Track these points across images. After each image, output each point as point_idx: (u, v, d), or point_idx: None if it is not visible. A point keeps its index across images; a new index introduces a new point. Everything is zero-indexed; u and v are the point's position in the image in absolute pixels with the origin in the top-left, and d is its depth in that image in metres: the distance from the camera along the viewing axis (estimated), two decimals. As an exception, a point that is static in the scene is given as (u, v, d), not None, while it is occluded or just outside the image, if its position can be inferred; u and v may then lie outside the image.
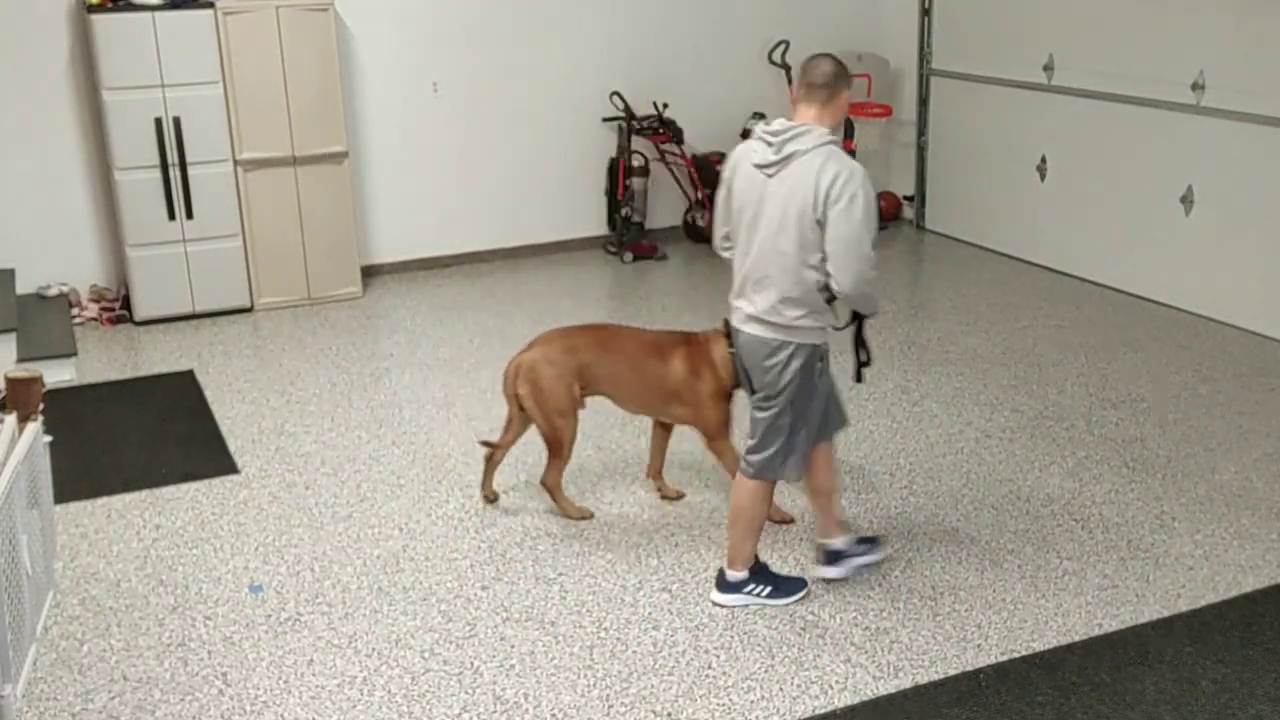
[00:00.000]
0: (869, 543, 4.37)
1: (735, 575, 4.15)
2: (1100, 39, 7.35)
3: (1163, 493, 4.91)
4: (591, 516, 4.80)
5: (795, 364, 3.87)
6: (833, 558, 4.28)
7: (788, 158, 3.76)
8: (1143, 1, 7.06)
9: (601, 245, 8.56)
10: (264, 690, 3.76)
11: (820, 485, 4.19)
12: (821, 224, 3.71)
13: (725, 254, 4.08)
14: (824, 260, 3.74)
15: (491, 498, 4.93)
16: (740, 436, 4.37)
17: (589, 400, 4.67)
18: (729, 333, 4.23)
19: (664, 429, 4.90)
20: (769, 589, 4.16)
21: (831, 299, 3.86)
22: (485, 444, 4.93)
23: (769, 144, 3.80)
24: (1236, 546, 4.50)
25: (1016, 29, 7.96)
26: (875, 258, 3.78)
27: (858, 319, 4.05)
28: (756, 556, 4.16)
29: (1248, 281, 6.67)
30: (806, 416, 3.96)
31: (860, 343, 4.09)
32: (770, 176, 3.79)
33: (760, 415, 3.98)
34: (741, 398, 4.30)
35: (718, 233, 4.10)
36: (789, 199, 3.74)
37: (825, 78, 3.81)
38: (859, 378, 4.12)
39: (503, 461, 4.94)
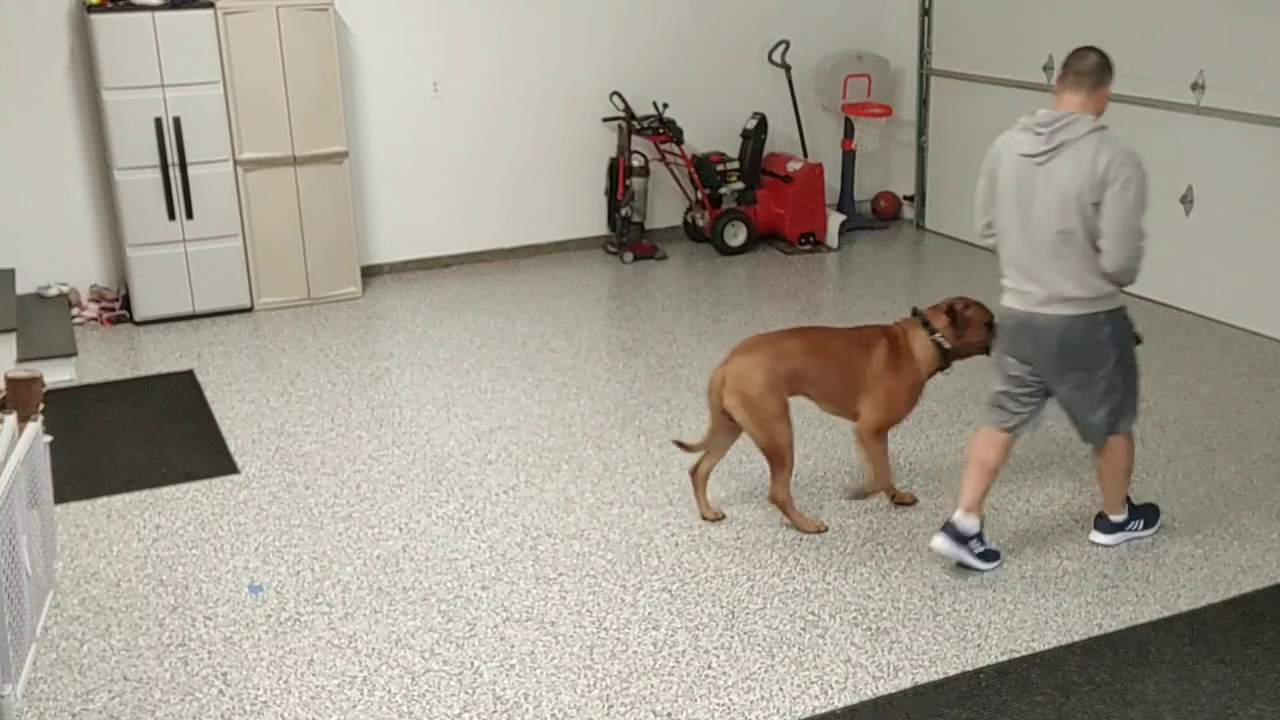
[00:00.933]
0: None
1: (1118, 517, 4.53)
2: (1100, 39, 7.26)
3: (1163, 493, 4.90)
4: (825, 529, 4.62)
5: (1111, 328, 4.16)
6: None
7: (1058, 146, 3.97)
8: (1143, 1, 7.05)
9: (601, 245, 8.56)
10: (264, 690, 3.76)
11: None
12: (1098, 206, 3.94)
13: (988, 241, 4.36)
14: (1099, 239, 4.00)
15: (715, 517, 4.70)
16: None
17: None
18: (925, 321, 4.61)
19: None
20: (1143, 522, 4.58)
21: None
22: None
23: (1038, 134, 4.02)
24: (1236, 546, 4.50)
25: (1016, 29, 7.96)
26: (1144, 234, 4.04)
27: None
28: (1128, 498, 4.53)
29: (1248, 281, 6.67)
30: (1134, 365, 4.31)
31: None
32: (1040, 165, 4.01)
33: (1087, 393, 4.22)
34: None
35: (979, 221, 4.34)
36: (1066, 184, 3.96)
37: (1092, 68, 4.06)
38: (1139, 340, 4.37)
39: (710, 476, 4.72)
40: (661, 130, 8.20)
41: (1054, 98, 4.12)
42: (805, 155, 8.73)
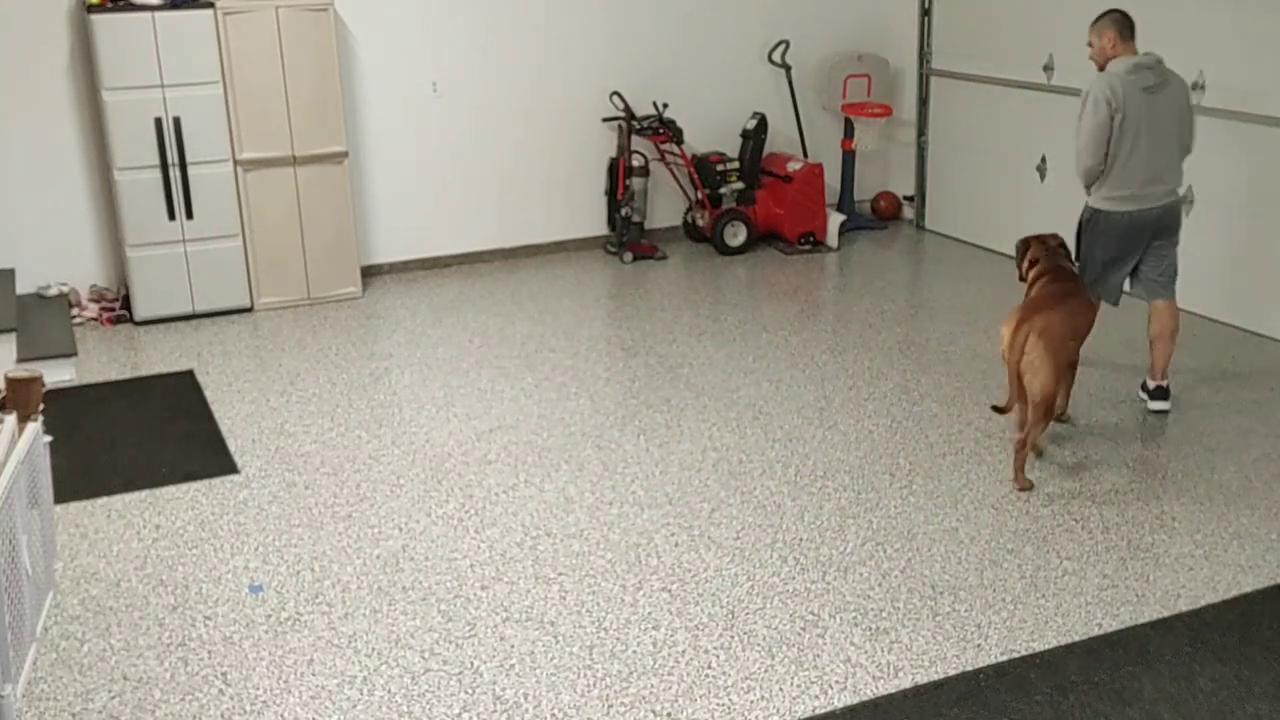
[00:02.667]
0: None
1: (1168, 382, 5.63)
2: (1100, 39, 7.34)
3: (1162, 493, 4.91)
4: (1032, 488, 4.96)
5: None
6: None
7: (1166, 78, 5.35)
8: (1143, 1, 7.04)
9: (601, 245, 8.57)
10: (264, 690, 3.77)
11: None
12: (1185, 119, 5.46)
13: (1099, 168, 5.42)
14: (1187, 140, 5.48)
15: (1025, 487, 4.95)
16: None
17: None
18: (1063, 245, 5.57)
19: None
20: None
21: None
22: (995, 408, 5.10)
23: (1151, 71, 5.31)
24: (1236, 546, 4.50)
25: (1016, 29, 7.96)
26: None
27: None
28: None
29: (1248, 281, 6.67)
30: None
31: None
32: (1156, 94, 5.32)
33: (1169, 256, 5.63)
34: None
35: (1099, 155, 5.37)
36: (1174, 107, 5.38)
37: (1133, 23, 5.43)
38: None
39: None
40: (661, 130, 8.20)
41: (1123, 47, 5.38)
42: (805, 155, 8.73)
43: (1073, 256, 5.57)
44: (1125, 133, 5.31)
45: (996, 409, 5.10)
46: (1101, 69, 5.45)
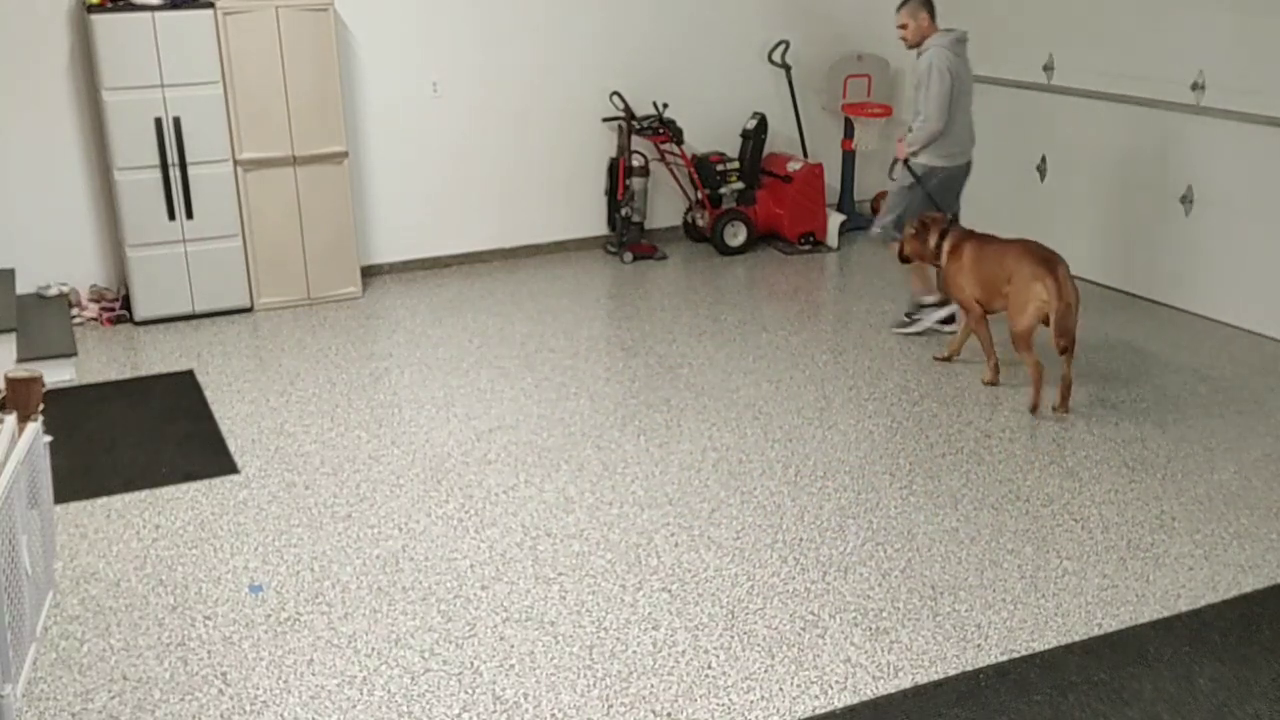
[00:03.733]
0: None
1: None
2: (1100, 39, 7.36)
3: (1162, 493, 4.91)
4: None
5: None
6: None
7: (964, 51, 6.34)
8: (1143, 1, 7.06)
9: (601, 245, 8.57)
10: (264, 690, 3.77)
11: None
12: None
13: (940, 133, 6.28)
14: None
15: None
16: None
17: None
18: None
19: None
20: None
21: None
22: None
23: (965, 43, 6.28)
24: (1236, 546, 4.50)
25: (1016, 29, 7.96)
26: None
27: None
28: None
29: (1248, 281, 6.67)
30: None
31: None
32: (967, 66, 6.33)
33: (959, 199, 6.53)
34: None
35: (942, 120, 6.23)
36: (971, 76, 6.39)
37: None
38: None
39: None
40: (661, 130, 8.20)
41: (934, 24, 6.33)
42: (805, 155, 8.73)
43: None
44: (958, 99, 6.25)
45: (994, 382, 5.96)
46: (914, 46, 6.37)
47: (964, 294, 5.96)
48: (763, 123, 8.47)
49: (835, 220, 8.57)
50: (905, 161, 6.44)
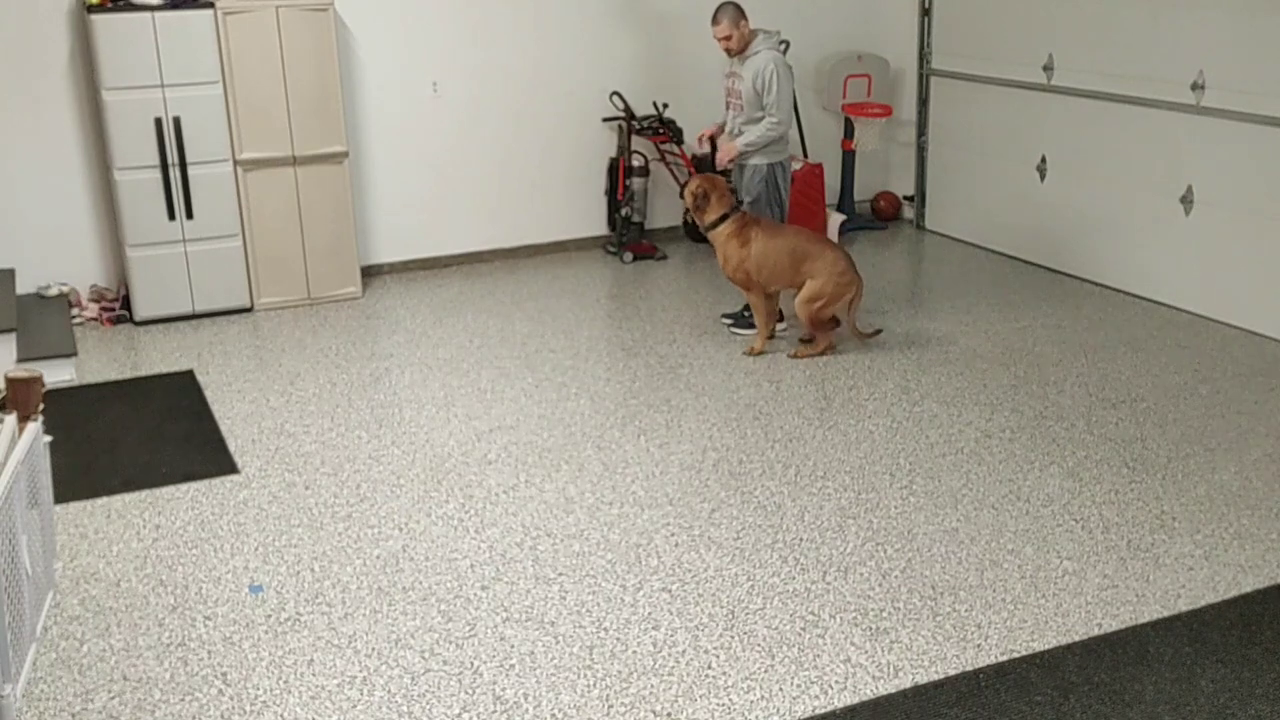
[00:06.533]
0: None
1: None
2: (1100, 39, 7.35)
3: (1163, 493, 4.91)
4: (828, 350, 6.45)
5: None
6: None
7: None
8: (1143, 1, 7.06)
9: (601, 245, 8.57)
10: (264, 690, 3.77)
11: None
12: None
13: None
14: None
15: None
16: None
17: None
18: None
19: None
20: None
21: None
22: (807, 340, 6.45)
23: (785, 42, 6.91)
24: (1236, 546, 4.50)
25: (1016, 29, 7.96)
26: None
27: None
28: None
29: (1248, 281, 6.68)
30: None
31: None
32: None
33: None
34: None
35: (792, 119, 6.65)
36: None
37: None
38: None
39: None
40: (661, 130, 8.20)
41: (753, 30, 6.46)
42: (805, 155, 8.73)
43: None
44: (794, 100, 6.63)
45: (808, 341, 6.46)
46: (738, 53, 6.49)
47: (748, 276, 6.38)
48: (763, 123, 8.46)
49: (835, 220, 8.57)
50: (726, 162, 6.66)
